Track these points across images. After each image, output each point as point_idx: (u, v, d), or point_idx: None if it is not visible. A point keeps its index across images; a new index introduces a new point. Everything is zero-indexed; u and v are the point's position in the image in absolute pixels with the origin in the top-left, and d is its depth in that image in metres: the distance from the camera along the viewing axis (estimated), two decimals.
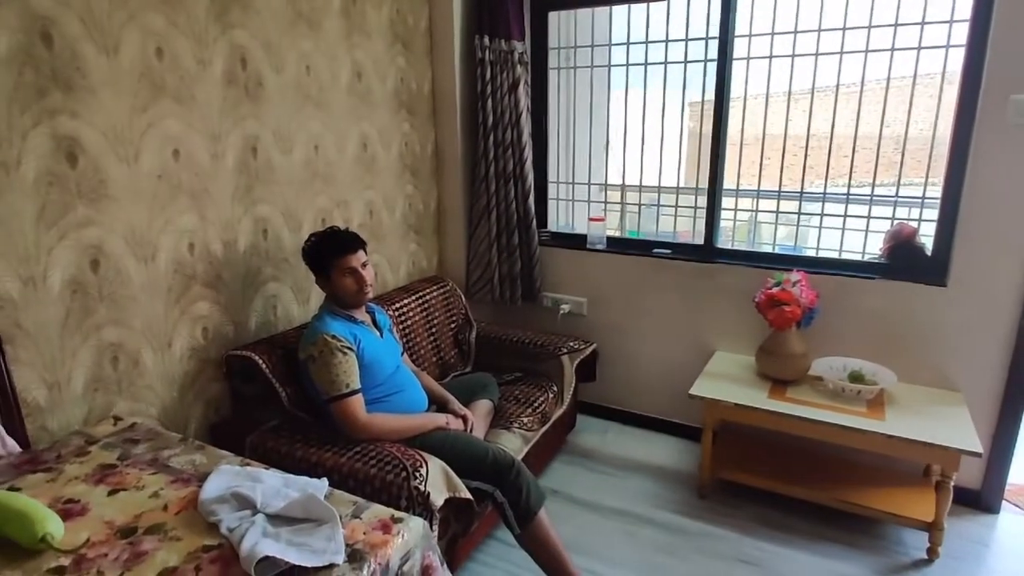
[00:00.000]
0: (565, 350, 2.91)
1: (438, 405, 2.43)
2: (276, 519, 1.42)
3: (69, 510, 1.45)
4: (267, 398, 2.20)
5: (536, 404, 2.67)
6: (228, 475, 1.56)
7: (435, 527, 1.81)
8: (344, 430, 2.07)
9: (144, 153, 1.95)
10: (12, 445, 1.65)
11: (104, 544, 1.34)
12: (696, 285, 3.03)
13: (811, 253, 3.08)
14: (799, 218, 3.12)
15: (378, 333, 2.30)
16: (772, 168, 3.25)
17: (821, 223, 3.03)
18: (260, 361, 2.17)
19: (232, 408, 2.31)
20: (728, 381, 2.72)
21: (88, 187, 1.82)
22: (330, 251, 2.16)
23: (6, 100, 1.63)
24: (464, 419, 2.35)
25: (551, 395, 2.78)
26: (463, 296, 3.21)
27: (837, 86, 2.76)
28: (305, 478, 1.57)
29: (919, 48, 2.55)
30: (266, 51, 2.30)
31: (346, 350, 2.08)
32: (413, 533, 1.42)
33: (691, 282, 3.04)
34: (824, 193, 2.96)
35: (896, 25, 2.56)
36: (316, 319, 2.19)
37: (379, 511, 1.47)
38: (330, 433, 2.11)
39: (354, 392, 2.06)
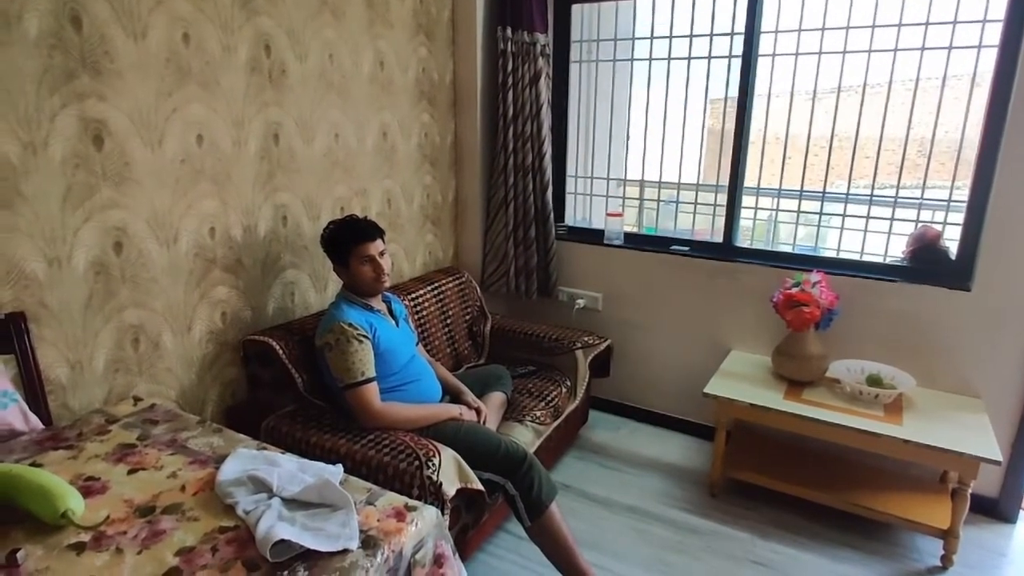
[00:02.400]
0: (579, 345, 2.93)
1: (451, 396, 2.45)
2: (292, 503, 1.44)
3: (89, 487, 1.48)
4: (283, 383, 2.23)
5: (549, 398, 2.68)
6: (245, 458, 1.58)
7: (446, 516, 1.84)
8: (359, 418, 2.10)
9: (168, 137, 1.98)
10: (35, 422, 1.69)
11: (123, 522, 1.37)
12: (713, 283, 3.03)
13: (831, 254, 3.07)
14: (820, 218, 3.10)
15: (394, 322, 2.33)
16: (794, 167, 3.24)
17: (843, 224, 3.01)
18: (277, 346, 2.20)
19: (248, 392, 2.34)
20: (743, 381, 2.72)
21: (113, 170, 1.85)
22: (348, 239, 2.19)
23: (35, 82, 1.67)
24: (477, 411, 2.37)
25: (564, 389, 2.79)
26: (478, 288, 3.23)
27: (864, 85, 2.74)
28: (321, 463, 1.59)
29: (950, 48, 2.52)
30: (290, 39, 2.33)
31: (362, 338, 2.10)
32: (426, 522, 1.43)
33: (708, 280, 3.04)
34: (847, 194, 2.94)
35: (927, 24, 2.54)
36: (333, 307, 2.21)
37: (393, 499, 1.49)
38: (345, 420, 2.14)
39: (369, 380, 2.09)
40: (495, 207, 3.29)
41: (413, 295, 2.84)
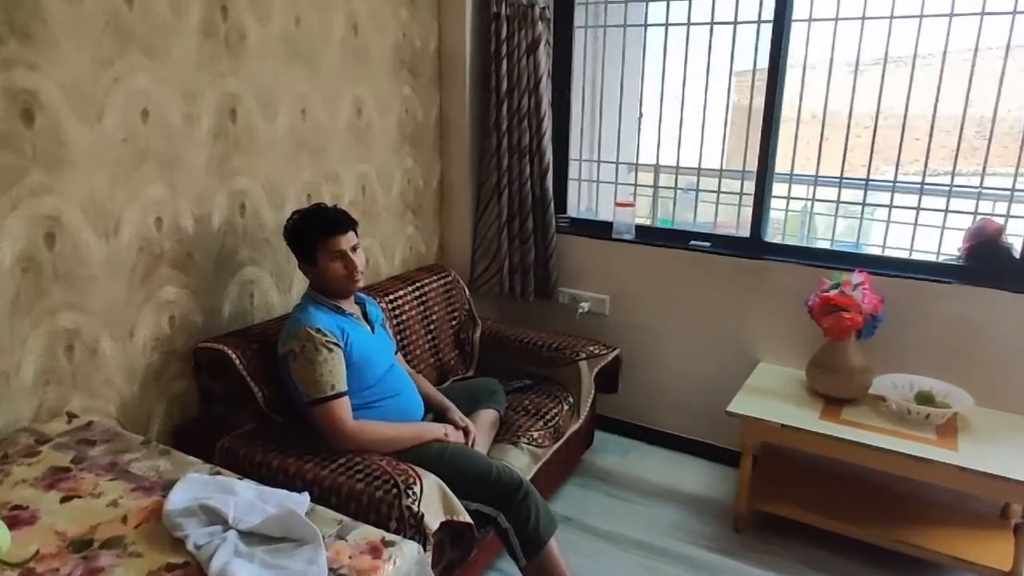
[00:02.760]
0: (583, 355, 2.95)
1: (435, 413, 2.47)
2: (250, 537, 1.46)
3: (16, 517, 1.49)
4: (240, 398, 2.24)
5: (548, 417, 2.70)
6: (196, 485, 1.60)
7: (429, 552, 1.86)
8: (327, 438, 2.11)
9: (109, 113, 1.99)
10: None
11: (55, 558, 1.39)
12: (739, 284, 3.06)
13: (875, 251, 3.10)
14: (863, 210, 3.13)
15: (369, 328, 2.34)
16: (833, 151, 3.25)
17: (889, 217, 3.04)
18: (233, 355, 2.21)
19: (200, 408, 2.35)
20: (773, 398, 2.75)
21: (45, 150, 1.86)
22: (316, 231, 2.20)
23: None
24: (465, 431, 2.39)
25: (565, 407, 2.82)
26: (467, 289, 3.24)
27: (914, 56, 2.76)
28: (284, 491, 1.61)
29: (1014, 12, 2.54)
30: None
31: (332, 346, 2.12)
32: (406, 559, 1.45)
33: (733, 281, 3.07)
34: (894, 182, 2.97)
35: None
36: (298, 309, 2.23)
37: (368, 532, 1.51)
38: (312, 441, 2.15)
39: (340, 395, 2.10)
40: (486, 195, 3.31)
41: (391, 296, 2.85)
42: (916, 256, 2.92)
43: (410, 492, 1.92)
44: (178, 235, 2.23)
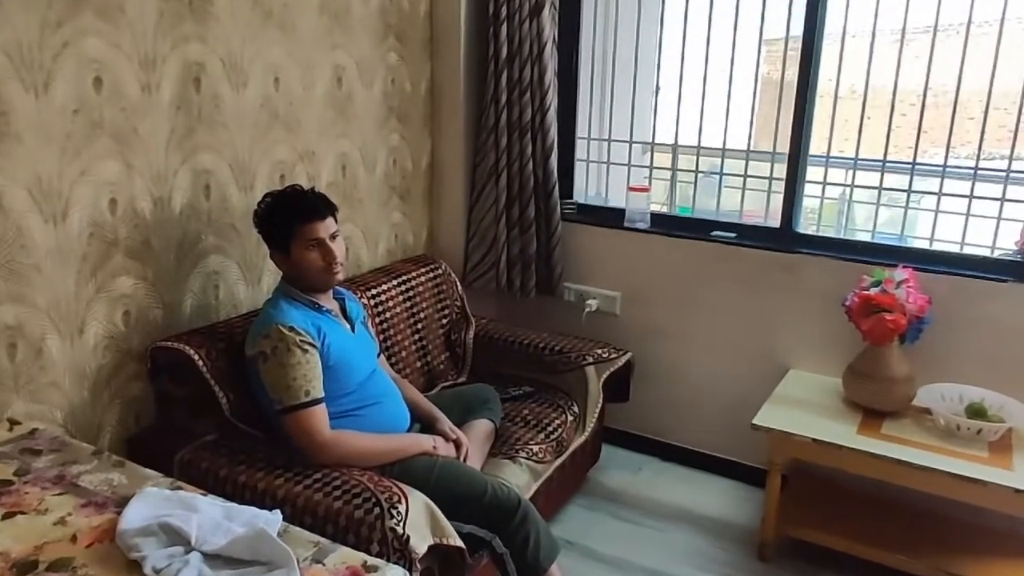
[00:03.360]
0: (590, 359, 2.97)
1: (422, 424, 2.49)
2: (215, 560, 1.47)
3: None
4: (203, 404, 2.26)
5: (550, 428, 2.72)
6: (155, 501, 1.61)
7: None
8: (301, 450, 2.13)
9: (57, 81, 2.00)
10: None
11: None
12: (767, 281, 3.08)
13: (922, 245, 3.10)
14: (908, 198, 3.14)
15: (348, 326, 2.36)
16: (875, 131, 3.26)
17: (938, 205, 3.04)
18: (195, 356, 2.23)
19: (158, 416, 2.37)
20: (805, 409, 2.77)
21: None
22: (290, 216, 2.21)
23: None
24: (456, 444, 2.41)
25: (570, 417, 2.84)
26: (459, 283, 3.26)
27: (968, 23, 2.78)
28: (253, 509, 1.62)
29: None
30: None
31: (307, 347, 2.14)
32: None
33: (761, 277, 3.09)
34: (943, 166, 2.98)
35: None
36: (269, 305, 2.24)
37: (347, 555, 1.52)
38: (284, 453, 2.17)
39: (315, 402, 2.12)
40: (482, 177, 3.33)
41: (374, 292, 2.87)
42: (968, 251, 2.92)
43: (394, 512, 1.93)
44: (134, 220, 2.25)
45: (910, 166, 3.05)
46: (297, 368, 2.10)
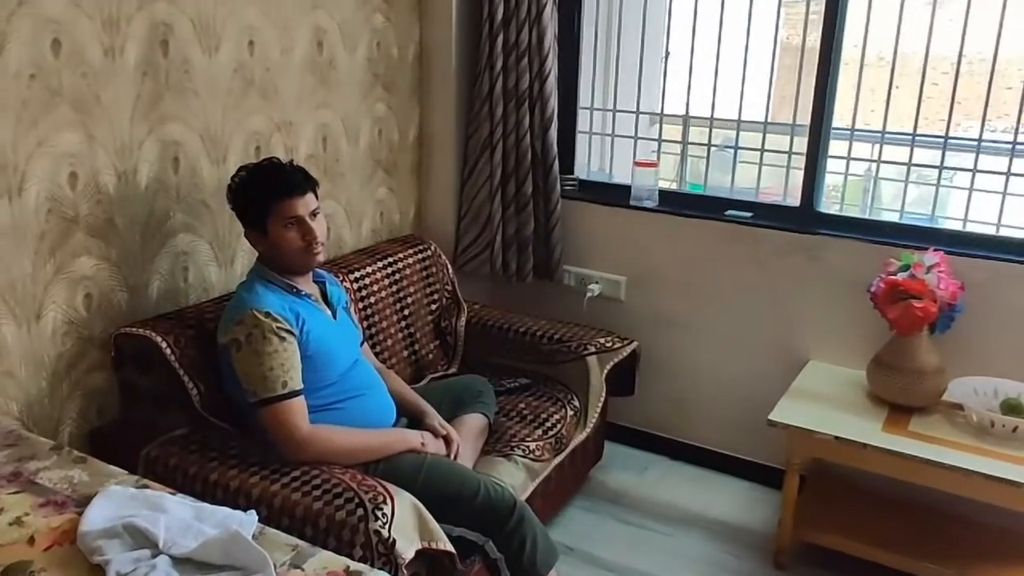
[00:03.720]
0: (592, 349, 2.97)
1: (409, 418, 2.50)
2: (185, 564, 1.48)
3: None
4: (172, 396, 2.26)
5: (548, 424, 2.73)
6: (120, 500, 1.62)
7: None
8: (277, 446, 2.14)
9: (11, 43, 1.99)
10: None
11: None
12: (785, 265, 3.08)
13: (955, 226, 3.11)
14: (940, 175, 3.14)
15: (329, 312, 2.36)
16: (904, 101, 3.27)
17: (972, 183, 3.05)
18: (163, 344, 2.23)
19: (123, 408, 2.38)
20: (825, 404, 2.78)
21: None
22: (268, 192, 2.21)
23: None
24: (447, 440, 2.41)
25: (570, 412, 2.85)
26: (450, 266, 3.27)
27: None
28: (226, 509, 1.63)
29: None
30: None
31: (284, 334, 2.14)
32: None
33: (778, 260, 3.09)
34: (979, 140, 2.98)
35: None
36: (243, 288, 2.24)
37: (327, 560, 1.53)
38: (259, 449, 2.18)
39: (293, 394, 2.12)
40: (476, 150, 3.32)
41: (357, 274, 2.87)
42: (1005, 232, 2.93)
43: (379, 513, 1.94)
44: (96, 195, 2.24)
45: (942, 140, 3.04)
46: (273, 357, 2.11)
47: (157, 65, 2.34)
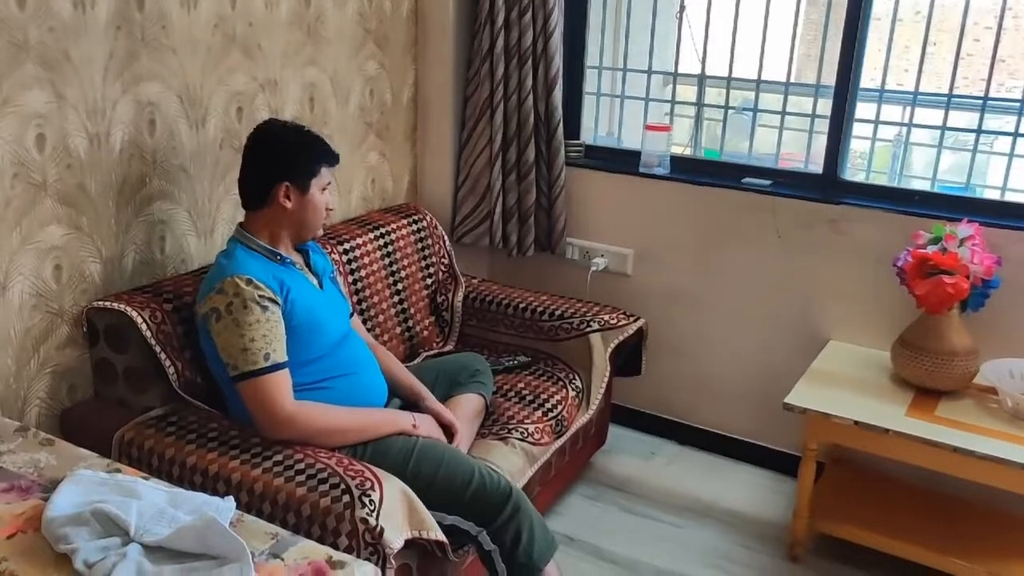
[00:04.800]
0: (596, 326, 2.98)
1: (404, 400, 2.51)
2: (158, 552, 1.49)
3: None
4: (147, 375, 2.28)
5: (548, 405, 2.74)
6: (88, 485, 1.63)
7: None
8: (258, 424, 2.15)
9: None
10: None
11: None
12: (806, 237, 3.08)
13: (993, 195, 3.10)
14: (977, 139, 3.12)
15: (315, 281, 2.38)
16: (940, 60, 3.25)
17: (1012, 148, 3.03)
18: (138, 318, 2.24)
19: (95, 387, 2.39)
20: (846, 387, 2.78)
21: None
22: (320, 154, 2.31)
23: None
24: (450, 429, 2.42)
25: (571, 393, 2.86)
26: (447, 238, 3.27)
27: None
28: (203, 495, 1.65)
29: None
30: None
31: (267, 303, 2.14)
32: None
33: (799, 232, 3.09)
34: (1022, 102, 2.96)
35: None
36: (223, 255, 2.25)
37: (310, 549, 1.55)
38: (239, 431, 2.19)
39: (277, 367, 2.12)
40: (474, 113, 3.32)
41: (346, 245, 2.88)
42: None
43: (366, 500, 1.95)
44: (66, 159, 2.24)
45: (981, 102, 3.02)
46: (255, 328, 2.11)
47: (131, 19, 2.33)
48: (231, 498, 1.66)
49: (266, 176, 2.25)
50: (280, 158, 2.27)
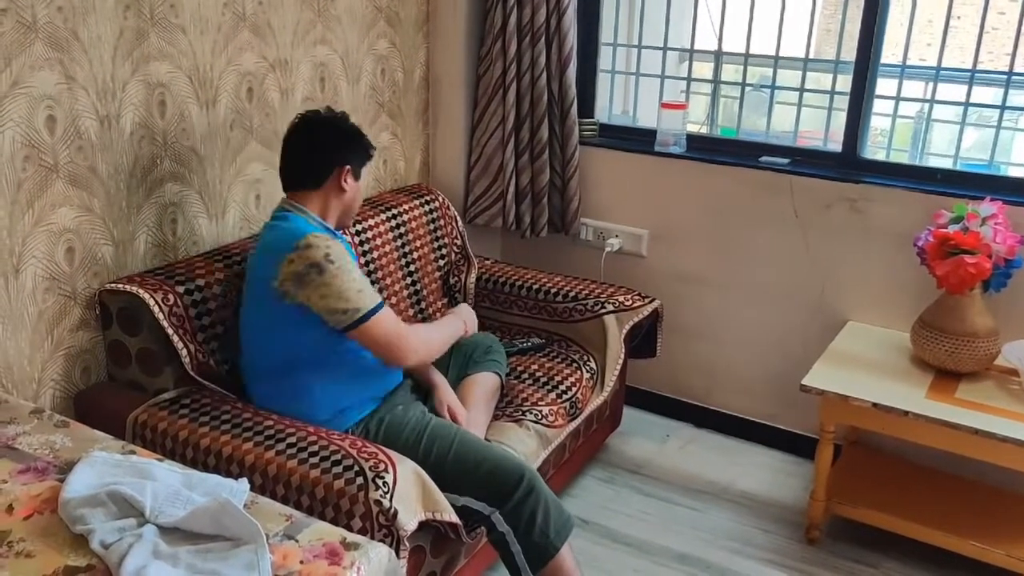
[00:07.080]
0: (610, 307, 2.99)
1: (416, 385, 2.54)
2: (173, 533, 1.52)
3: None
4: (159, 357, 2.31)
5: (563, 387, 2.76)
6: (104, 467, 1.66)
7: (403, 559, 1.92)
8: (393, 353, 2.23)
9: None
10: None
11: None
12: (825, 216, 3.08)
13: (1017, 173, 3.08)
14: (1001, 116, 3.11)
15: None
16: (963, 34, 3.23)
17: None
18: (151, 301, 2.27)
19: (108, 370, 2.42)
20: (864, 368, 2.79)
21: None
22: (369, 143, 2.42)
23: None
24: (453, 419, 2.43)
25: (586, 374, 2.88)
26: (459, 219, 3.29)
27: None
28: (217, 477, 1.68)
29: None
30: None
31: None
32: (374, 566, 1.51)
33: (817, 211, 3.09)
34: None
35: None
36: (281, 222, 2.26)
37: (324, 531, 1.57)
38: (253, 414, 2.23)
39: (384, 301, 2.23)
40: (487, 92, 3.32)
41: (359, 227, 2.90)
42: None
43: (380, 482, 1.97)
44: (77, 141, 2.26)
45: (1006, 77, 3.00)
46: (357, 270, 2.21)
47: None
48: (245, 480, 1.69)
49: (329, 158, 2.31)
50: (347, 141, 2.36)
